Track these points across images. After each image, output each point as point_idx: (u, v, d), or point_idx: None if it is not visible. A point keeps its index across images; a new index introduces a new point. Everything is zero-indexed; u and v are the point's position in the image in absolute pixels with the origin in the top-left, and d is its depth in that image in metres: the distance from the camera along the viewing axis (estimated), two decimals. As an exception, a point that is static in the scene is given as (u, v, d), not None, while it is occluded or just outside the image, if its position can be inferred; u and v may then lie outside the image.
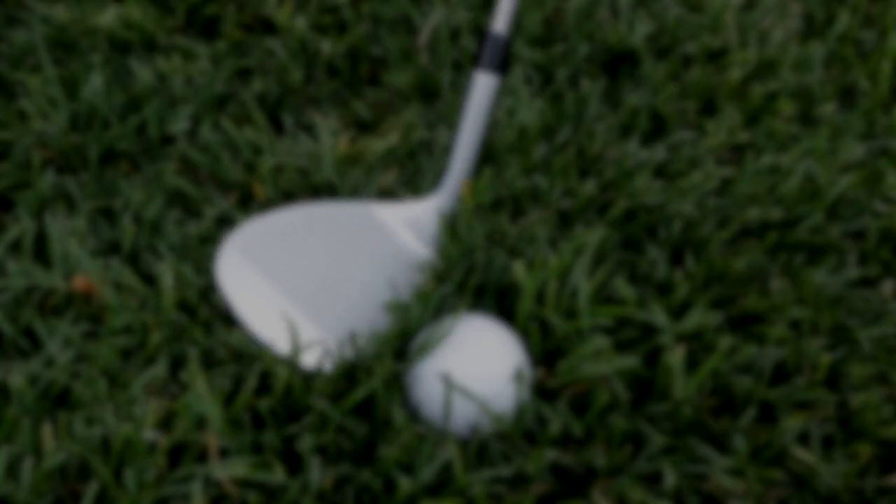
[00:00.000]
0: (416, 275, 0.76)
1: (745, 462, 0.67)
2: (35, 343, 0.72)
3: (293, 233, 0.77)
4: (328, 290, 0.75)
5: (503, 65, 0.79)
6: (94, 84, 0.89)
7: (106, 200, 0.82)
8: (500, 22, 0.79)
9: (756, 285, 0.79)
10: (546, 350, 0.72)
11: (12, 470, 0.62)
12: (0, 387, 0.67)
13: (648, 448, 0.67)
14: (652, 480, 0.66)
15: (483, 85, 0.79)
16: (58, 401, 0.68)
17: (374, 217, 0.79)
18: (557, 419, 0.67)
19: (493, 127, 0.90)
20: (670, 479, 0.65)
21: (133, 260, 0.77)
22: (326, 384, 0.67)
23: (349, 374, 0.69)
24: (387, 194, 0.85)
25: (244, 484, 0.63)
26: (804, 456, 0.68)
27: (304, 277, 0.75)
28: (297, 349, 0.69)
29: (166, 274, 0.73)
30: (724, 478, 0.66)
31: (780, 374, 0.74)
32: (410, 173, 0.87)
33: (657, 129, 0.95)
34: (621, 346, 0.73)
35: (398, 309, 0.72)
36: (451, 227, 0.79)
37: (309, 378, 0.68)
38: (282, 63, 0.96)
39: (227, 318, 0.73)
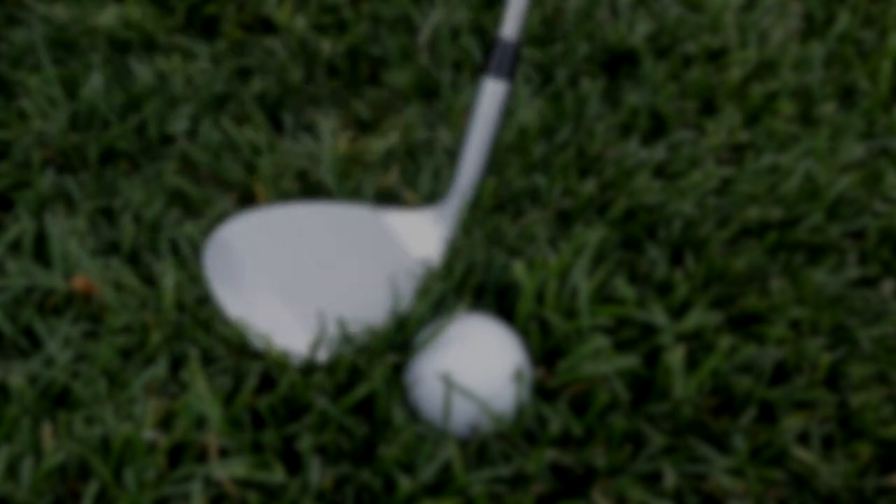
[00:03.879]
0: (416, 279, 0.75)
1: (745, 462, 0.67)
2: (35, 343, 0.71)
3: (289, 228, 0.76)
4: (319, 286, 0.74)
5: (512, 71, 0.78)
6: (94, 84, 0.89)
7: (106, 200, 0.82)
8: (509, 28, 0.78)
9: (756, 285, 0.79)
10: (546, 350, 0.72)
11: (12, 470, 0.62)
12: (0, 386, 0.67)
13: (648, 448, 0.67)
14: (652, 480, 0.66)
15: (492, 92, 0.78)
16: (57, 400, 0.68)
17: (379, 221, 0.78)
18: (557, 419, 0.67)
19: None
20: (670, 478, 0.65)
21: (133, 260, 0.77)
22: (326, 379, 0.67)
23: (349, 369, 0.69)
24: (387, 194, 0.85)
25: (244, 484, 0.63)
26: (804, 456, 0.68)
27: (296, 274, 0.74)
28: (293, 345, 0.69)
29: (166, 273, 0.73)
30: (724, 478, 0.66)
31: (780, 373, 0.74)
32: (411, 173, 0.87)
33: (657, 128, 0.95)
34: (621, 346, 0.73)
35: (397, 308, 0.72)
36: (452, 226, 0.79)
37: (308, 371, 0.68)
38: (282, 63, 0.96)
39: (227, 318, 0.73)
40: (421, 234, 0.78)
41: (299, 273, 0.74)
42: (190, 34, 1.00)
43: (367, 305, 0.72)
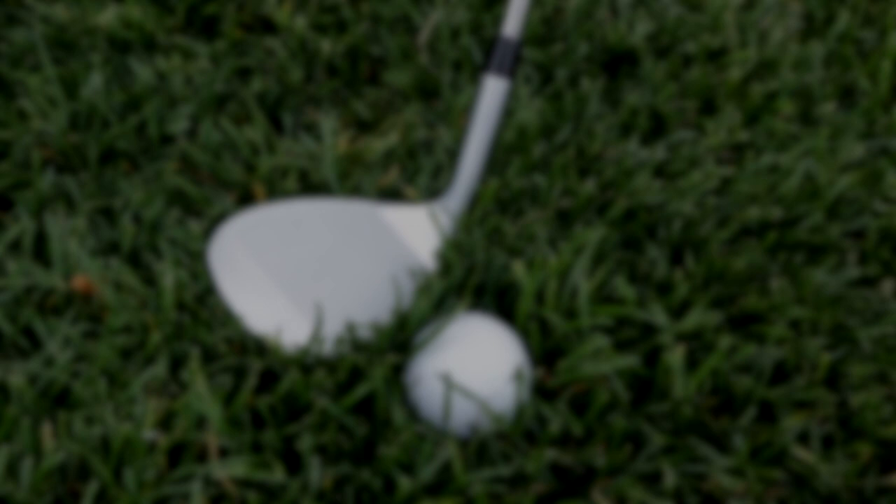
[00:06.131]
0: (418, 277, 0.76)
1: (745, 462, 0.67)
2: (35, 343, 0.72)
3: (291, 224, 0.77)
4: (324, 284, 0.74)
5: (513, 69, 0.78)
6: (94, 83, 0.89)
7: (106, 200, 0.82)
8: (511, 25, 0.78)
9: (756, 285, 0.79)
10: (546, 350, 0.72)
11: (12, 469, 0.62)
12: (0, 386, 0.67)
13: (648, 448, 0.67)
14: (652, 480, 0.66)
15: (492, 89, 0.78)
16: (57, 400, 0.68)
17: (379, 217, 0.79)
18: (557, 419, 0.67)
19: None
20: (670, 478, 0.65)
21: (133, 260, 0.77)
22: (326, 378, 0.67)
23: (349, 368, 0.69)
24: (387, 193, 0.85)
25: (244, 483, 0.63)
26: (804, 455, 0.68)
27: (299, 269, 0.74)
28: (310, 342, 0.69)
29: (166, 273, 0.73)
30: (724, 477, 0.66)
31: (780, 373, 0.74)
32: (411, 173, 0.87)
33: (657, 128, 0.95)
34: (621, 346, 0.73)
35: (399, 306, 0.72)
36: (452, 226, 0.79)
37: (310, 368, 0.68)
38: (281, 62, 0.96)
39: (228, 316, 0.73)
40: (419, 231, 0.78)
41: (302, 269, 0.75)
42: (190, 34, 1.00)
43: (369, 301, 0.73)
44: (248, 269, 0.73)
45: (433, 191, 0.85)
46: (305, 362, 0.70)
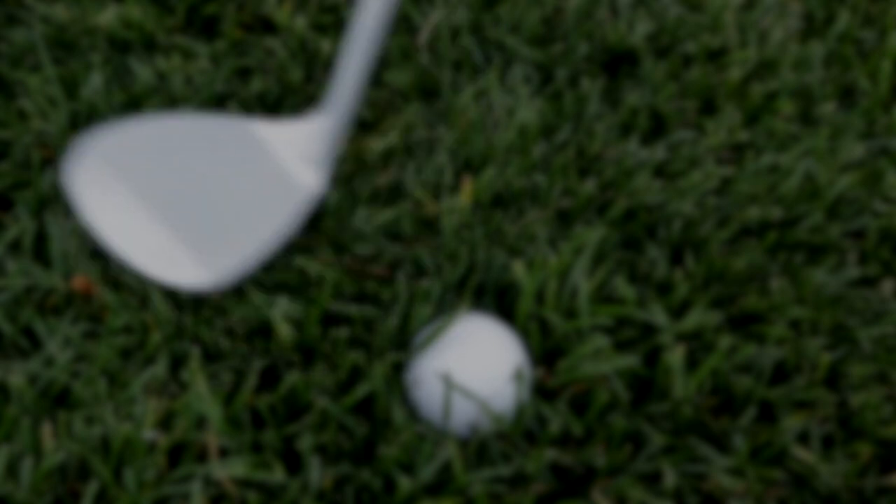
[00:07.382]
0: (300, 198, 0.71)
1: (745, 462, 0.67)
2: (35, 343, 0.72)
3: (161, 141, 0.72)
4: (198, 204, 0.71)
5: None
6: (94, 83, 0.89)
7: (106, 200, 0.82)
8: None
9: (756, 285, 0.79)
10: (546, 349, 0.72)
11: (12, 469, 0.62)
12: (0, 386, 0.67)
13: (648, 448, 0.67)
14: (652, 480, 0.66)
15: None
16: (57, 400, 0.68)
17: (255, 134, 0.75)
18: (557, 419, 0.67)
19: (492, 126, 0.91)
20: (670, 478, 0.65)
21: (133, 259, 0.77)
22: (327, 378, 0.67)
23: (349, 368, 0.69)
24: (387, 192, 0.85)
25: (244, 483, 0.63)
26: (804, 455, 0.68)
27: (172, 189, 0.70)
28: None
29: (166, 273, 0.73)
30: (724, 477, 0.66)
31: (780, 373, 0.74)
32: (410, 172, 0.87)
33: (657, 128, 0.95)
34: (621, 346, 0.73)
35: (398, 309, 0.72)
36: (452, 225, 0.79)
37: (308, 368, 0.68)
38: (281, 62, 0.96)
39: (228, 315, 0.73)
40: (294, 148, 0.74)
41: (177, 190, 0.71)
42: (190, 34, 1.00)
43: (250, 221, 0.70)
44: (117, 194, 0.68)
45: (433, 190, 0.85)
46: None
